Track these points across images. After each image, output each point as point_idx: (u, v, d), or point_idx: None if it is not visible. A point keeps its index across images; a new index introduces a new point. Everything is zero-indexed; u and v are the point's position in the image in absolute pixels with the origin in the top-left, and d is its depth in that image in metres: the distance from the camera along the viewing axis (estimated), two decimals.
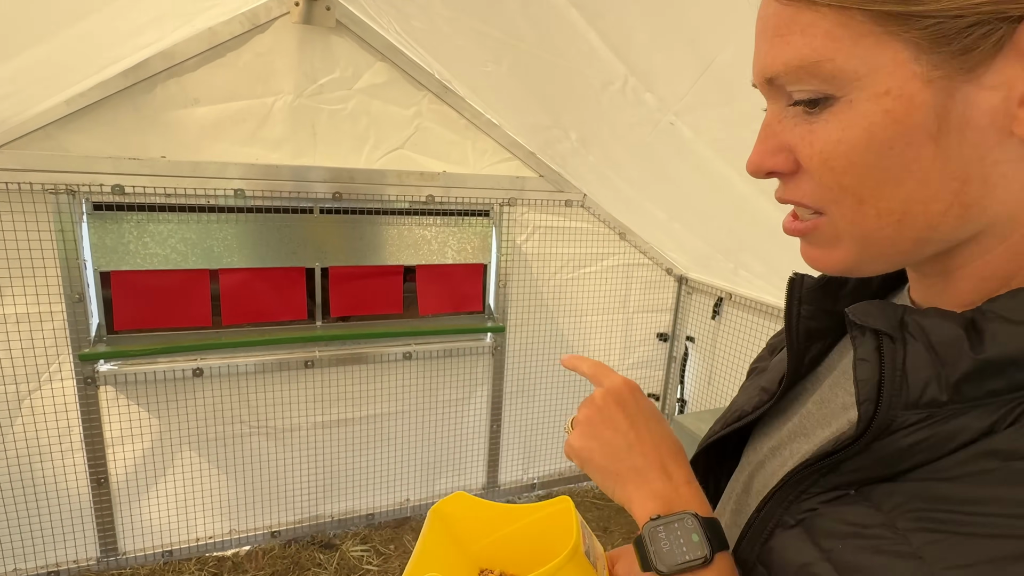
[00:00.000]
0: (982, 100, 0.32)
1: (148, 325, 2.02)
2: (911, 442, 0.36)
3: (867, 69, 0.33)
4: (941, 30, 0.31)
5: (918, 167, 0.34)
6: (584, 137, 1.90)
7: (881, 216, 0.36)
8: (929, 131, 0.33)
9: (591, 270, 2.56)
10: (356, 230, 2.17)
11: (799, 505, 0.41)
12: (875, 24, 0.32)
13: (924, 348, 0.37)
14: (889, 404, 0.37)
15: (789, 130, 0.38)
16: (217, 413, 2.14)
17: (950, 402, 0.35)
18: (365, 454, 2.40)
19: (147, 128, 1.85)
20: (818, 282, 0.51)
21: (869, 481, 0.38)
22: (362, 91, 2.06)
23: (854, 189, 0.36)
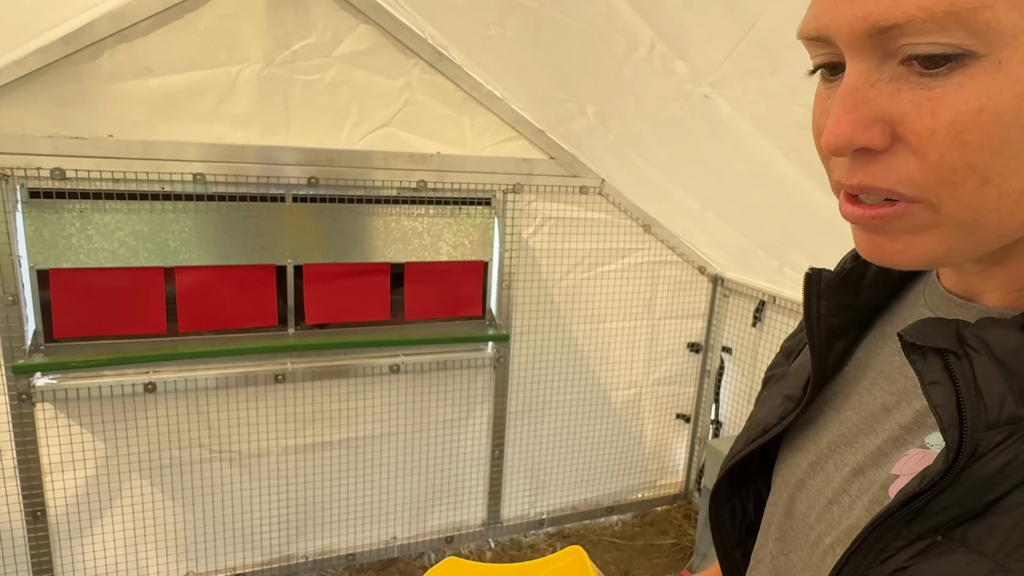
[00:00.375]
0: None
1: (92, 332, 2.02)
2: (998, 465, 0.37)
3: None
4: None
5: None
6: (603, 113, 1.91)
7: (1001, 197, 0.36)
8: None
9: (610, 268, 2.56)
10: (335, 221, 2.18)
11: (881, 567, 0.41)
12: None
13: (990, 361, 0.38)
14: (972, 426, 0.38)
15: (891, 97, 0.37)
16: (172, 435, 2.14)
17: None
18: (345, 484, 2.41)
19: (92, 103, 1.86)
20: (836, 276, 0.53)
21: (956, 521, 0.39)
22: (342, 59, 2.06)
23: (984, 168, 0.35)
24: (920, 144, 0.36)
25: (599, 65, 1.59)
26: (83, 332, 2.01)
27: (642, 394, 2.79)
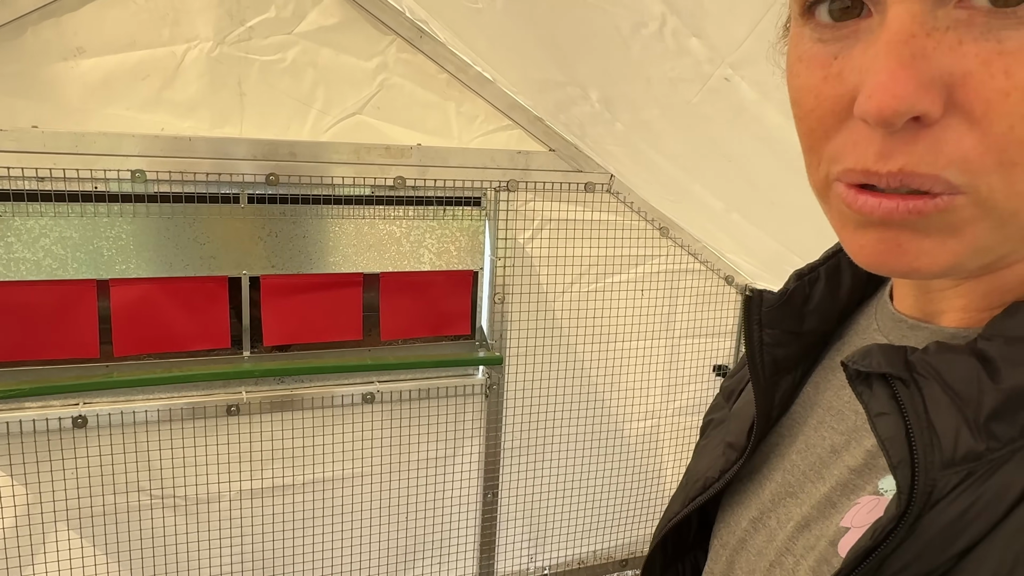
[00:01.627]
0: None
1: (12, 357, 2.02)
2: (958, 511, 0.37)
3: None
4: None
5: None
6: (609, 98, 1.92)
7: None
8: None
9: (622, 279, 2.56)
10: (298, 226, 2.18)
11: None
12: None
13: (942, 390, 0.39)
14: (925, 463, 0.38)
15: (951, 50, 0.33)
16: (106, 478, 2.14)
17: (988, 450, 0.37)
18: (311, 534, 2.40)
19: (13, 88, 1.87)
20: (779, 299, 0.54)
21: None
22: (306, 36, 2.08)
23: None
24: (987, 112, 0.33)
25: (603, 43, 1.60)
26: (1, 357, 2.01)
27: (660, 426, 2.79)
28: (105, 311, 2.08)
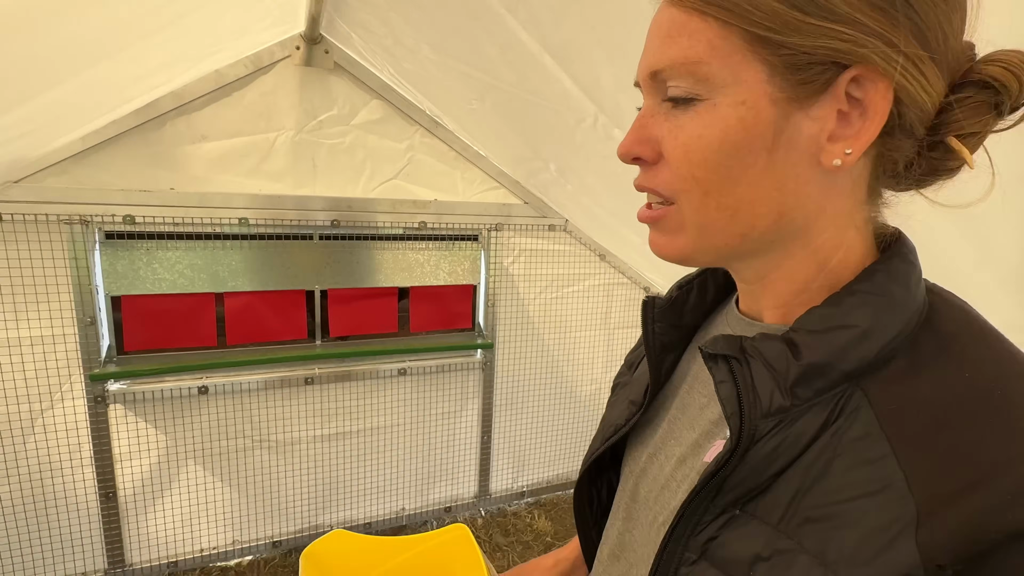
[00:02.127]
0: (805, 128, 0.37)
1: (156, 346, 2.01)
2: (772, 446, 0.38)
3: (733, 79, 0.36)
4: (794, 60, 0.35)
5: (753, 172, 0.38)
6: (562, 168, 1.93)
7: (719, 209, 0.40)
8: (766, 144, 0.37)
9: (574, 290, 2.57)
10: (353, 255, 2.19)
11: (696, 539, 0.41)
12: (746, 43, 0.36)
13: (763, 365, 0.40)
14: (750, 415, 0.39)
15: (659, 124, 0.41)
16: (221, 428, 2.12)
17: (792, 406, 0.38)
18: (362, 465, 2.38)
19: (157, 162, 1.87)
20: (667, 302, 0.54)
21: (748, 496, 0.39)
22: (359, 126, 2.08)
23: (703, 181, 0.39)
24: (669, 158, 0.40)
25: (557, 131, 1.61)
26: (149, 345, 2.00)
27: (602, 389, 2.79)
28: (221, 313, 2.07)
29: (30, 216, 1.74)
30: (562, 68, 1.25)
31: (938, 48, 0.35)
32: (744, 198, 0.39)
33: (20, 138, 1.49)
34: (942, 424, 0.34)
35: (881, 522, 0.33)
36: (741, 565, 0.38)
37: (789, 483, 0.38)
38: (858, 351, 0.37)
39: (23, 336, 1.81)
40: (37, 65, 1.13)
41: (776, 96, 0.36)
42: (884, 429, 0.35)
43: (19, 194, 1.72)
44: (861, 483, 0.35)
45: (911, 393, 0.36)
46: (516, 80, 1.43)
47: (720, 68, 0.36)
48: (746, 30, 0.35)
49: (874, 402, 0.37)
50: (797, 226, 0.40)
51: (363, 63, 1.98)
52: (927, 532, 0.32)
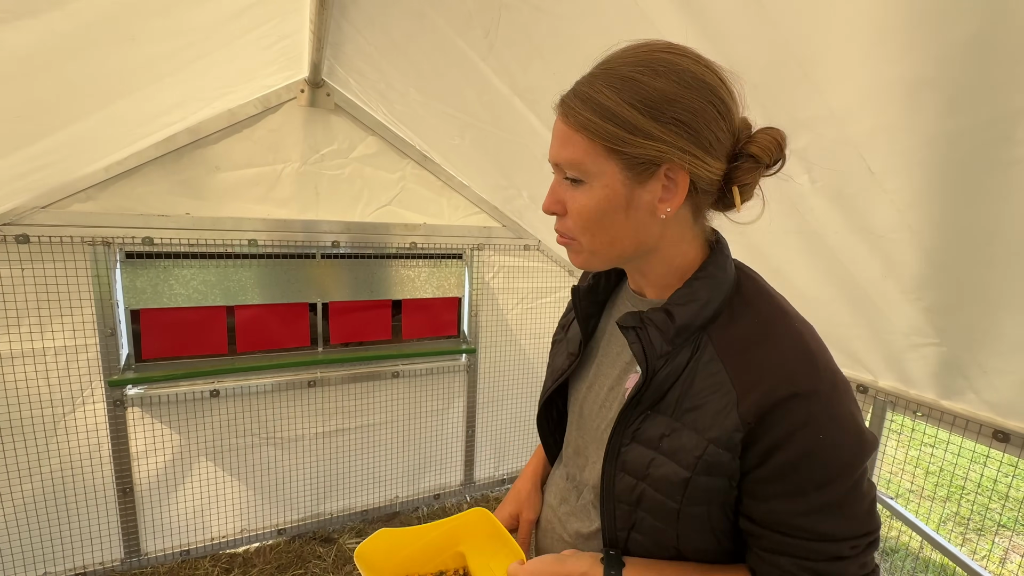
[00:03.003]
0: (644, 197, 0.54)
1: (172, 354, 1.94)
2: (665, 374, 0.56)
3: (599, 171, 0.53)
4: (631, 161, 0.52)
5: (618, 224, 0.55)
6: (533, 195, 1.93)
7: (602, 243, 0.56)
8: (622, 207, 0.54)
9: (546, 301, 2.56)
10: (352, 271, 2.15)
11: (628, 430, 0.58)
12: (605, 150, 0.52)
13: (655, 328, 0.56)
14: (652, 360, 0.56)
15: (564, 192, 0.56)
16: (231, 427, 2.05)
17: (672, 349, 0.56)
18: (360, 458, 2.32)
19: (175, 190, 1.82)
20: (587, 287, 0.69)
21: (654, 403, 0.57)
22: (357, 159, 2.06)
23: (590, 229, 0.56)
24: (571, 215, 0.56)
25: (527, 163, 1.61)
26: (165, 354, 1.93)
27: None
28: (231, 324, 2.01)
29: (56, 238, 1.68)
30: (529, 109, 1.25)
31: (713, 146, 0.52)
32: (615, 237, 0.56)
33: (46, 167, 1.44)
34: (746, 347, 0.54)
35: (720, 405, 0.53)
36: (654, 440, 0.56)
37: (675, 391, 0.56)
38: (703, 313, 0.56)
39: (47, 346, 1.73)
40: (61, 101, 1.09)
41: (625, 181, 0.53)
42: (718, 354, 0.54)
43: (46, 218, 1.66)
44: (709, 385, 0.54)
45: (730, 333, 0.55)
46: (491, 119, 1.43)
47: (591, 165, 0.53)
48: (603, 144, 0.52)
49: (713, 340, 0.55)
50: (649, 247, 0.57)
51: (360, 104, 1.97)
52: (743, 405, 0.51)
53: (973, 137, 0.59)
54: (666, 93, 0.49)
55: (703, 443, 0.53)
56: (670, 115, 0.49)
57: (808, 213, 0.94)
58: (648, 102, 0.49)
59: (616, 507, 0.59)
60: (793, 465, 0.50)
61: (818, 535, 0.51)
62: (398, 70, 1.46)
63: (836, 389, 0.51)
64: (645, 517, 0.57)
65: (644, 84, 0.49)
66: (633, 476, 0.57)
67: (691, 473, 0.53)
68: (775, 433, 0.50)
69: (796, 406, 0.49)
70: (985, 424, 1.17)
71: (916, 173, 0.69)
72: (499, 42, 1.02)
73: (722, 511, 0.55)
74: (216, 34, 1.14)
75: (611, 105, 0.50)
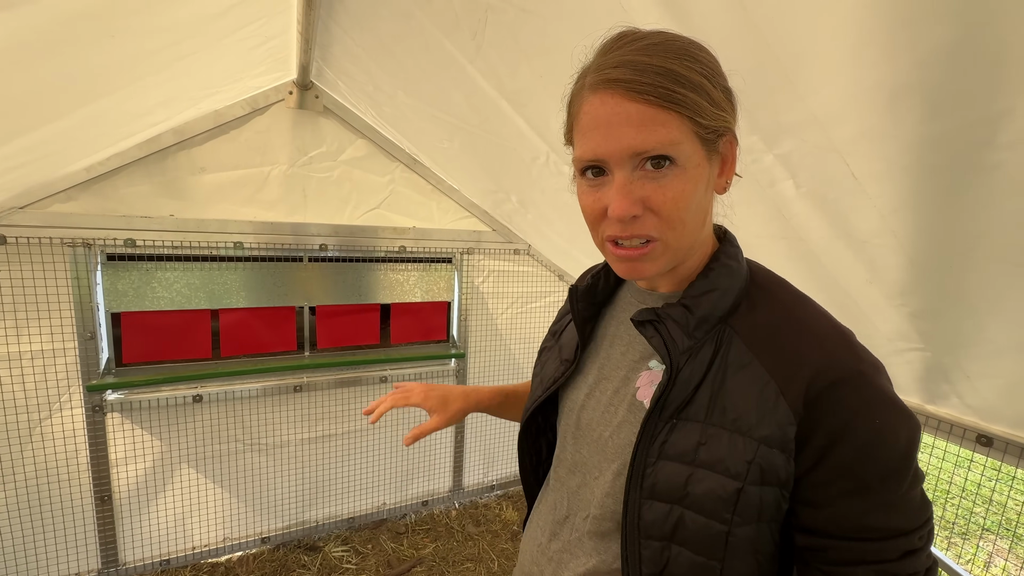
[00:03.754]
0: (712, 174, 0.50)
1: (154, 358, 1.89)
2: (689, 371, 0.51)
3: (691, 151, 0.48)
4: (708, 135, 0.48)
5: (703, 204, 0.51)
6: (523, 200, 1.92)
7: (689, 234, 0.51)
8: (704, 186, 0.50)
9: (536, 306, 2.55)
10: (340, 275, 2.12)
11: (653, 446, 0.51)
12: (690, 127, 0.47)
13: (673, 322, 0.52)
14: (675, 354, 0.51)
15: (640, 187, 0.48)
16: (214, 433, 2.00)
17: (693, 344, 0.52)
18: (346, 464, 2.28)
19: (159, 191, 1.78)
20: (586, 288, 0.64)
21: (681, 407, 0.51)
22: (345, 162, 2.04)
23: (685, 219, 0.49)
24: (659, 209, 0.48)
25: (516, 168, 1.61)
26: (146, 358, 1.88)
27: None
28: (216, 328, 1.97)
29: (34, 239, 1.64)
30: (517, 112, 1.24)
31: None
32: (696, 223, 0.51)
33: (24, 166, 1.40)
34: (774, 336, 0.50)
35: (763, 399, 0.48)
36: (688, 452, 0.49)
37: (704, 393, 0.50)
38: (723, 302, 0.53)
39: (24, 350, 1.68)
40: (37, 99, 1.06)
41: (705, 157, 0.49)
42: (748, 346, 0.50)
43: (24, 219, 1.62)
44: (745, 380, 0.49)
45: (754, 322, 0.52)
46: (479, 122, 1.42)
47: (687, 144, 0.47)
48: (690, 119, 0.47)
49: (738, 331, 0.51)
50: (704, 235, 0.54)
51: (349, 107, 1.95)
52: (789, 395, 0.47)
53: (954, 141, 0.59)
54: (712, 64, 0.48)
55: (753, 444, 0.47)
56: (721, 84, 0.48)
57: (792, 218, 0.94)
58: (710, 71, 0.47)
59: (642, 545, 0.50)
60: (854, 458, 0.45)
61: (891, 531, 0.46)
62: (386, 72, 1.45)
63: (878, 369, 0.48)
64: (681, 552, 0.49)
65: (696, 55, 0.47)
66: (666, 501, 0.49)
67: (742, 483, 0.46)
68: (829, 424, 0.45)
69: (847, 392, 0.45)
70: (969, 428, 1.18)
71: (899, 178, 0.69)
72: (486, 44, 1.01)
73: (769, 530, 0.49)
74: (199, 33, 1.12)
75: (688, 74, 0.46)
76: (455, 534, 2.35)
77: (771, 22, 0.61)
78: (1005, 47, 0.48)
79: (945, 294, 0.86)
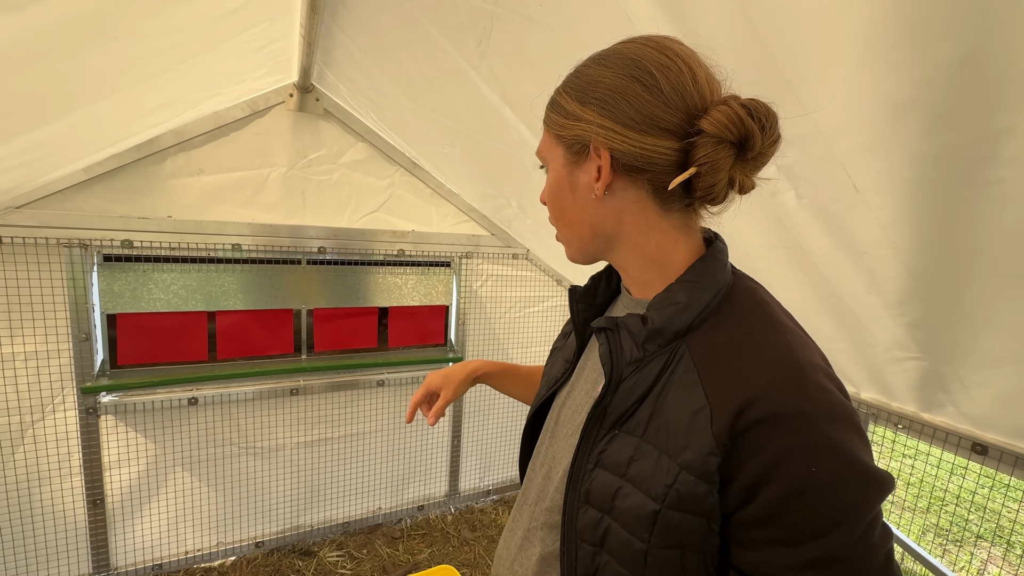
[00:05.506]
0: (583, 177, 0.54)
1: (149, 360, 1.88)
2: (632, 383, 0.50)
3: (551, 157, 0.57)
4: (570, 143, 0.54)
5: (569, 207, 0.56)
6: (522, 205, 1.93)
7: (565, 228, 0.57)
8: (568, 189, 0.55)
9: (534, 310, 2.55)
10: (338, 278, 2.12)
11: (592, 453, 0.51)
12: (554, 138, 0.55)
13: (627, 333, 0.52)
14: (618, 364, 0.51)
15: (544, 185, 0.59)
16: (209, 437, 1.98)
17: (644, 356, 0.51)
18: (342, 469, 2.27)
19: (156, 192, 1.77)
20: (585, 290, 0.66)
21: (622, 419, 0.51)
22: (345, 165, 2.04)
23: (553, 213, 0.58)
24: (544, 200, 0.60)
25: (517, 173, 1.61)
26: (141, 360, 1.87)
27: None
28: (212, 330, 1.96)
29: (30, 240, 1.62)
30: (519, 119, 1.24)
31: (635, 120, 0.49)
32: (572, 220, 0.56)
33: (21, 166, 1.39)
34: (723, 358, 0.47)
35: (693, 423, 0.46)
36: (621, 465, 0.49)
37: (646, 408, 0.49)
38: (681, 317, 0.50)
39: (17, 351, 1.66)
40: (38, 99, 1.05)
41: (567, 163, 0.54)
42: (696, 365, 0.48)
43: (19, 219, 1.60)
44: (684, 401, 0.47)
45: (711, 341, 0.49)
46: (481, 128, 1.42)
47: (547, 153, 0.57)
48: (551, 132, 0.56)
49: (692, 349, 0.49)
50: (608, 234, 0.55)
51: (350, 110, 1.95)
52: (716, 424, 0.44)
53: (956, 156, 0.60)
54: (593, 77, 0.52)
55: (675, 469, 0.45)
56: (591, 96, 0.51)
57: (794, 228, 0.95)
58: (578, 89, 0.53)
59: (578, 547, 0.51)
60: (783, 504, 0.42)
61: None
62: (388, 77, 1.45)
63: (831, 414, 0.42)
64: (610, 562, 0.49)
65: (581, 74, 0.53)
66: (598, 509, 0.49)
67: (660, 505, 0.45)
68: (758, 462, 0.42)
69: (780, 429, 0.42)
70: (964, 437, 1.19)
71: (900, 191, 0.70)
72: (491, 51, 1.02)
73: (700, 560, 0.46)
74: (203, 36, 1.12)
75: (556, 97, 0.56)
76: (451, 539, 2.34)
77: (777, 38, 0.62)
78: (1008, 67, 0.49)
79: (943, 305, 0.87)
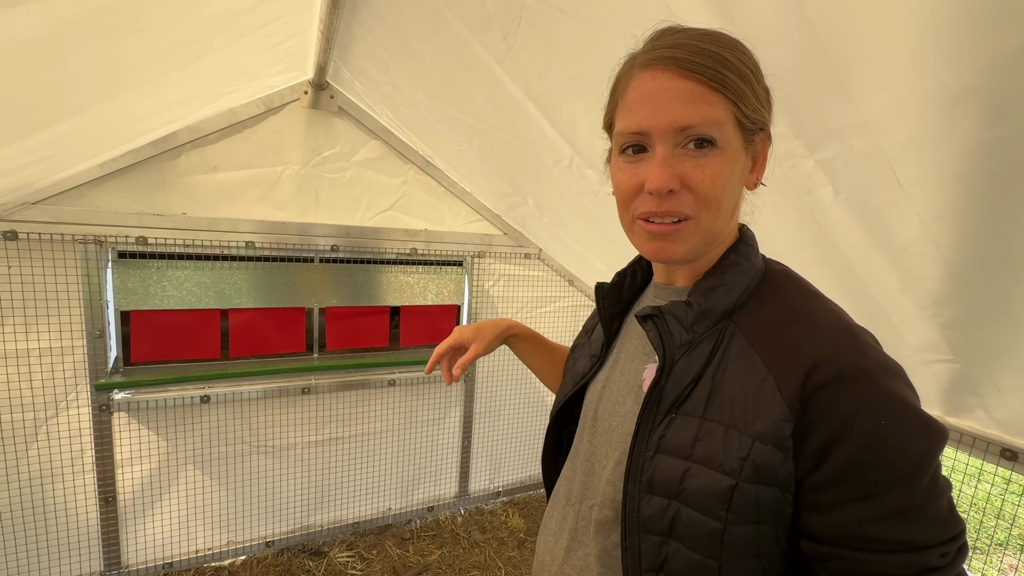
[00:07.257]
0: (745, 164, 0.52)
1: (162, 357, 1.87)
2: (684, 364, 0.51)
3: (732, 135, 0.49)
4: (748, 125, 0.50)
5: (735, 190, 0.52)
6: (539, 203, 1.91)
7: (721, 217, 0.51)
8: (738, 175, 0.51)
9: (546, 310, 2.53)
10: (350, 276, 2.10)
11: (651, 440, 0.51)
12: (732, 114, 0.49)
13: (673, 318, 0.54)
14: (669, 347, 0.53)
15: (680, 163, 0.49)
16: (221, 435, 1.98)
17: (692, 339, 0.52)
18: (352, 468, 2.25)
19: (171, 189, 1.77)
20: (612, 286, 0.66)
21: (678, 401, 0.51)
22: (359, 163, 2.03)
23: (718, 202, 0.50)
24: (696, 187, 0.49)
25: (536, 171, 1.59)
26: (154, 357, 1.86)
27: None
28: (225, 328, 1.95)
29: (45, 236, 1.62)
30: (543, 115, 1.23)
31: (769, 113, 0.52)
32: (725, 211, 0.52)
33: (39, 162, 1.38)
34: (776, 331, 0.49)
35: (760, 394, 0.47)
36: (685, 447, 0.49)
37: (702, 388, 0.50)
38: (726, 298, 0.53)
39: (32, 348, 1.66)
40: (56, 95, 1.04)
41: (742, 146, 0.50)
42: (750, 341, 0.50)
43: (36, 215, 1.60)
44: (744, 376, 0.49)
45: (759, 318, 0.51)
46: (501, 125, 1.41)
47: (729, 126, 0.49)
48: (735, 103, 0.48)
49: (741, 327, 0.51)
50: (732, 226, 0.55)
51: (364, 107, 1.94)
52: (785, 391, 0.46)
53: (1015, 149, 0.58)
54: (757, 63, 0.50)
55: (747, 440, 0.46)
56: (763, 83, 0.50)
57: (828, 225, 0.93)
58: (754, 67, 0.50)
59: (642, 539, 0.50)
60: (856, 461, 0.43)
61: (902, 545, 0.42)
62: (407, 72, 1.44)
63: (890, 371, 0.45)
64: (679, 549, 0.48)
65: (745, 50, 0.50)
66: (663, 495, 0.49)
67: (736, 479, 0.45)
68: (828, 423, 0.44)
69: (846, 389, 0.43)
70: (993, 442, 1.16)
71: (948, 185, 0.68)
72: (517, 45, 1.00)
73: (774, 534, 0.46)
74: (225, 29, 1.11)
75: (737, 63, 0.48)
76: (461, 541, 2.32)
77: (829, 23, 0.60)
78: None
79: (983, 305, 0.85)
